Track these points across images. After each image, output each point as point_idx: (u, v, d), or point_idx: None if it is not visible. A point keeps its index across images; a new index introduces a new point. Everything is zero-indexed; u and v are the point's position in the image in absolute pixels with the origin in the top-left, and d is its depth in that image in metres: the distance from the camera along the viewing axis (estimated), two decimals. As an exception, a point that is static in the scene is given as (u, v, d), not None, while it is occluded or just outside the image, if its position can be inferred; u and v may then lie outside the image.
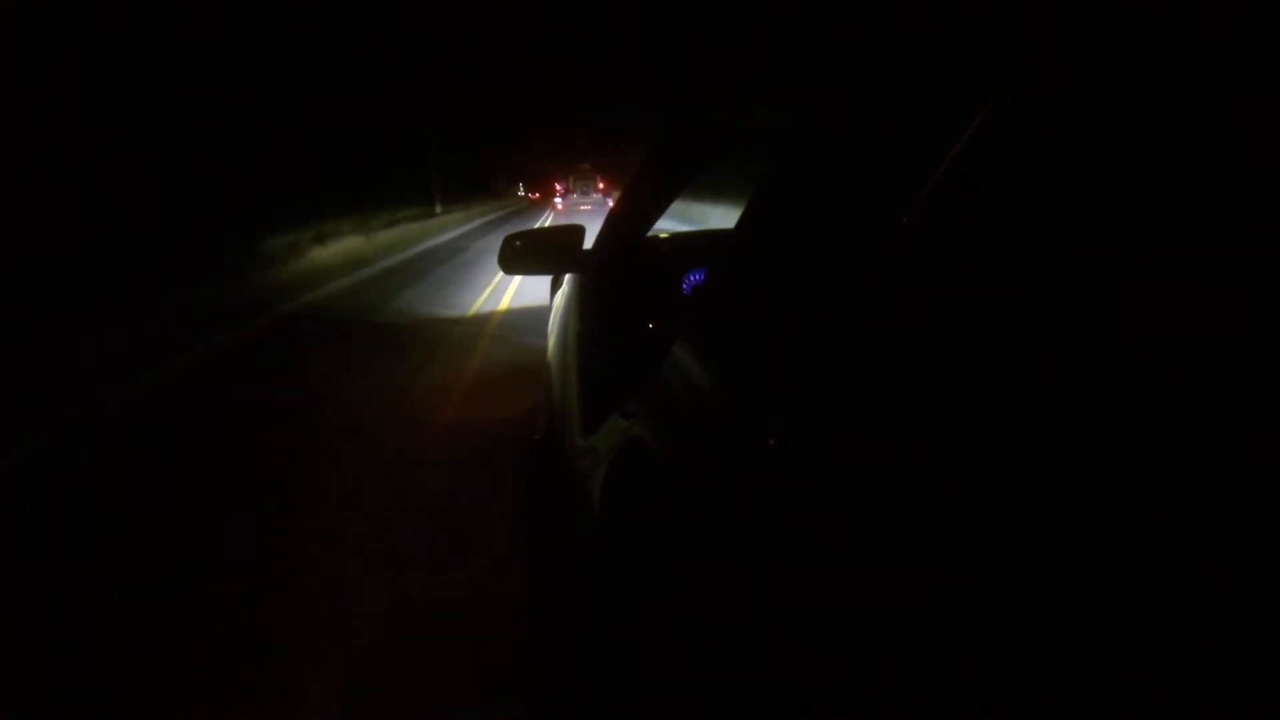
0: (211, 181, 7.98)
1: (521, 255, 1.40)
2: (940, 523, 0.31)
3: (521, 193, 55.64)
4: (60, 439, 3.10)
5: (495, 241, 3.09)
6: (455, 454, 2.69)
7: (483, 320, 5.20)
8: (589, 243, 1.43)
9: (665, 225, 1.86)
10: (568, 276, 1.60)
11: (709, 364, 0.55)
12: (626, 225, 1.31)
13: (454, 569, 1.89)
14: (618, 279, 1.36)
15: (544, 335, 1.93)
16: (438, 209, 18.90)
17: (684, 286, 1.63)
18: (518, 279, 6.27)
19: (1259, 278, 0.24)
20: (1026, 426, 0.29)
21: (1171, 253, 0.27)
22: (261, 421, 3.19)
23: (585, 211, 20.65)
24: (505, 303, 5.74)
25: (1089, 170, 0.30)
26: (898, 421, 0.34)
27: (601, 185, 30.67)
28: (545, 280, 2.40)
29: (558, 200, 29.41)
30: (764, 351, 0.46)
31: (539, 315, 3.36)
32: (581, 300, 1.31)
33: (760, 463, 0.41)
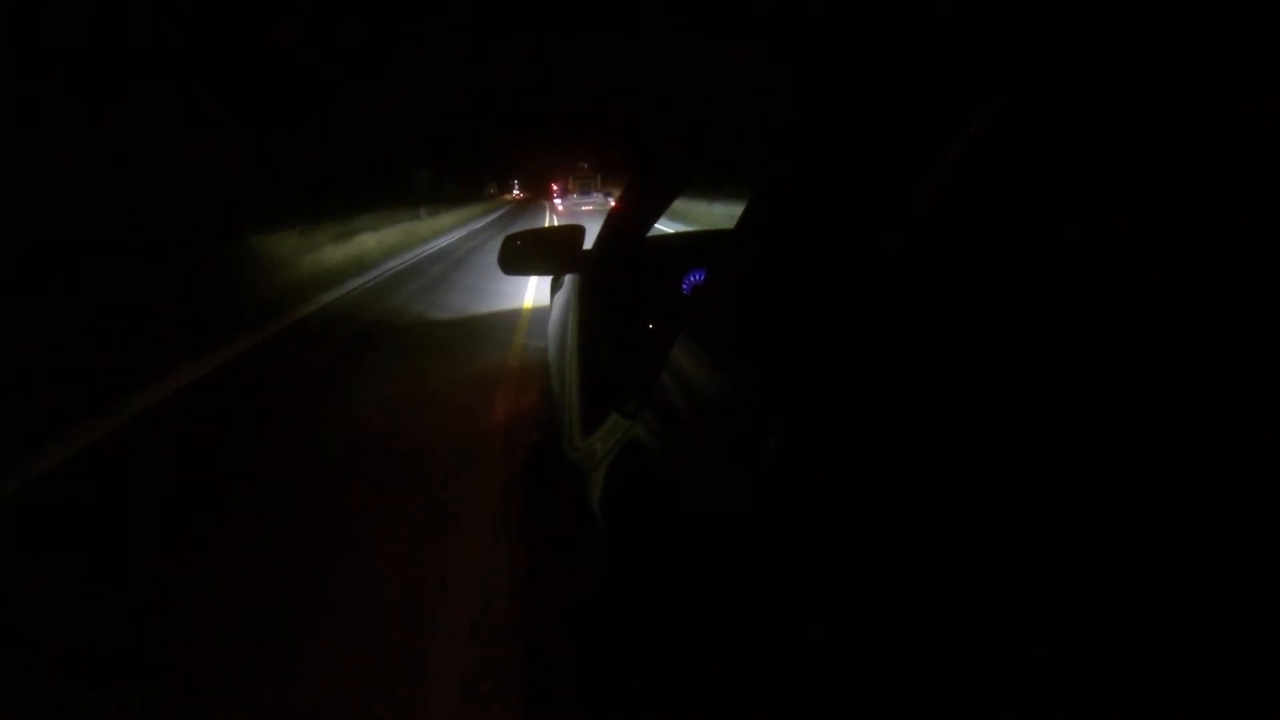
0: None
1: (522, 255, 1.40)
2: (940, 523, 0.31)
3: (516, 192, 56.16)
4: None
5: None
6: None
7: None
8: (589, 243, 1.44)
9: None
10: (568, 277, 1.60)
11: (709, 364, 0.55)
12: (626, 225, 1.31)
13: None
14: (618, 279, 1.36)
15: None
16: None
17: (684, 286, 1.63)
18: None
19: (1258, 278, 0.24)
20: (1026, 426, 0.29)
21: (1171, 253, 0.27)
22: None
23: (587, 212, 20.32)
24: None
25: (1088, 171, 0.30)
26: (897, 421, 0.34)
27: (601, 184, 30.43)
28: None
29: (557, 201, 29.12)
30: (764, 352, 0.46)
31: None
32: (581, 300, 1.31)
33: (760, 463, 0.41)
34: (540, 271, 1.41)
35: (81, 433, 2.74)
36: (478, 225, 17.54)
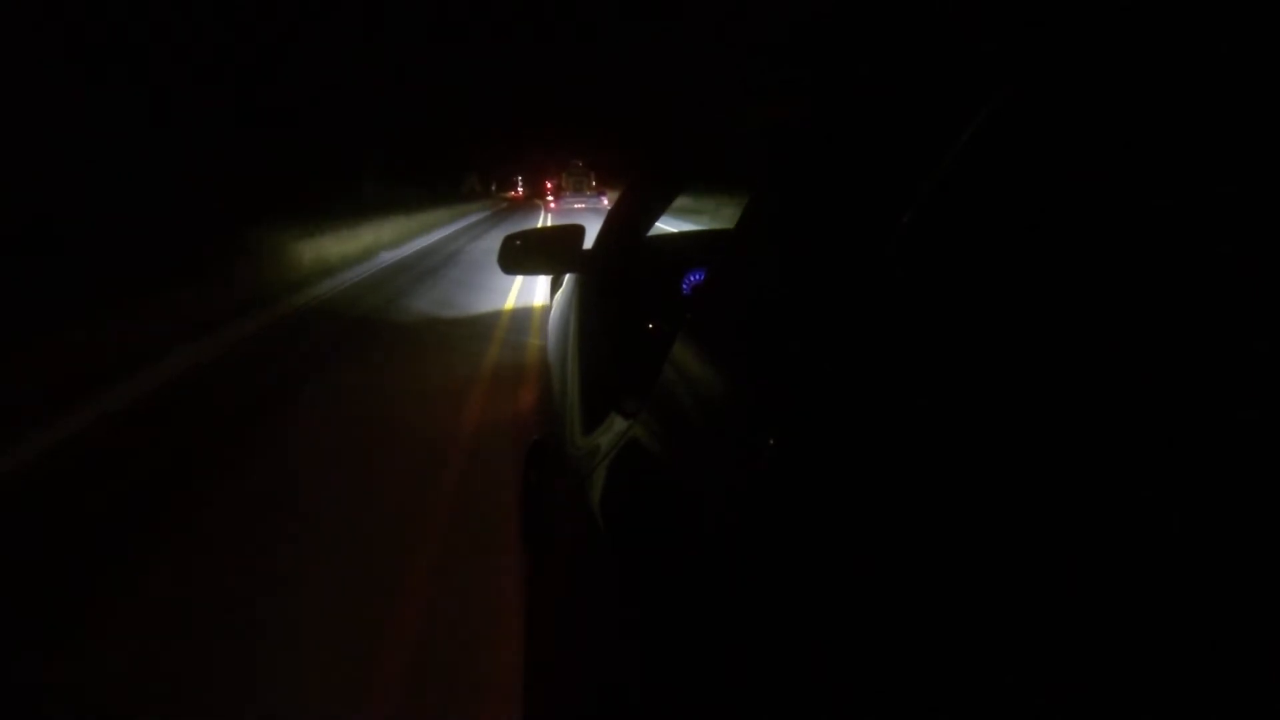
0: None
1: (521, 255, 1.40)
2: (942, 523, 0.31)
3: (520, 189, 58.45)
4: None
5: None
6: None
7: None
8: (589, 243, 1.44)
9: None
10: (568, 276, 1.60)
11: (709, 364, 0.55)
12: (626, 225, 1.32)
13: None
14: (618, 279, 1.36)
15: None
16: None
17: (684, 286, 1.63)
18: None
19: (1256, 277, 0.25)
20: (1026, 427, 0.29)
21: (1172, 252, 0.27)
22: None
23: (580, 210, 20.13)
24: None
25: (1089, 171, 0.30)
26: (898, 421, 0.35)
27: (595, 183, 30.34)
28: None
29: (550, 199, 29.07)
30: (764, 351, 0.46)
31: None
32: (581, 300, 1.31)
33: (760, 462, 0.41)
34: (540, 271, 1.42)
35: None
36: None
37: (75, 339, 3.97)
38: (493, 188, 48.35)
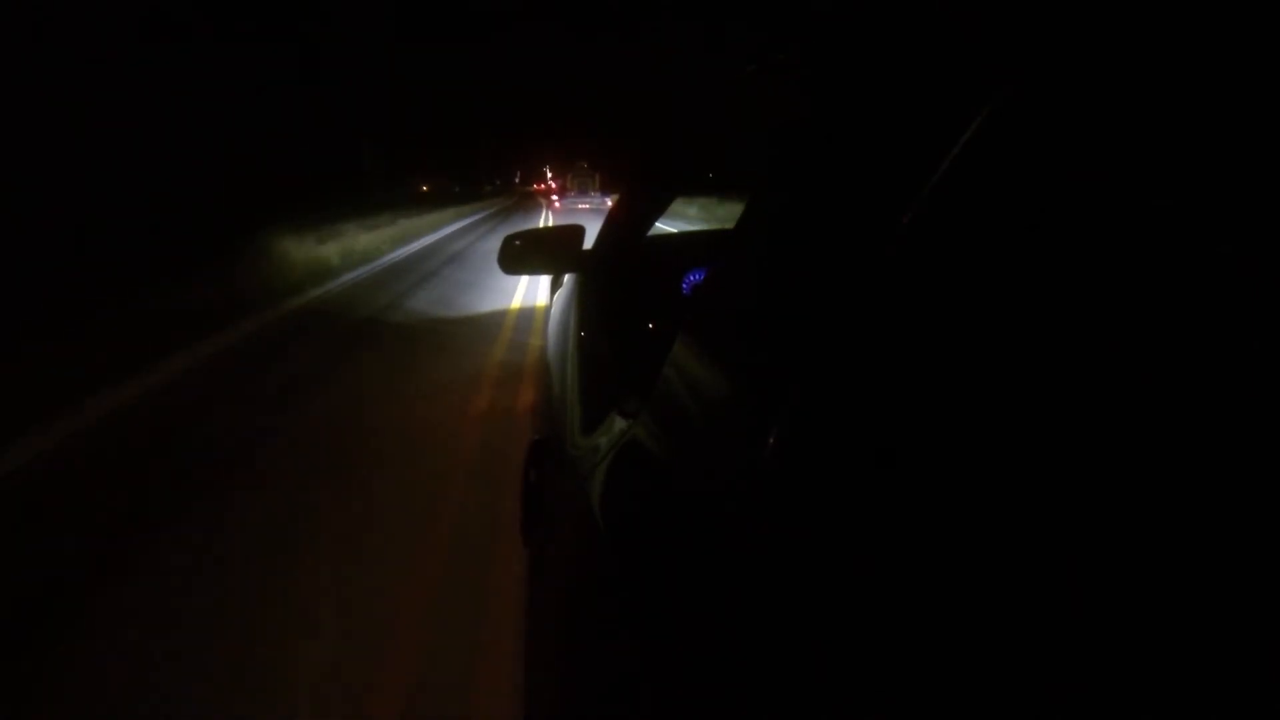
0: None
1: (522, 255, 1.41)
2: (943, 523, 0.31)
3: (550, 182, 60.93)
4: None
5: None
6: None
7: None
8: (589, 243, 1.44)
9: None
10: (568, 276, 1.61)
11: (709, 364, 0.55)
12: (626, 225, 1.32)
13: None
14: (618, 279, 1.37)
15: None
16: None
17: (684, 286, 1.63)
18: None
19: (1256, 279, 0.24)
20: (1028, 427, 0.29)
21: (1174, 254, 0.27)
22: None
23: (584, 210, 20.26)
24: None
25: (1090, 172, 0.30)
26: (899, 420, 0.35)
27: (599, 184, 30.57)
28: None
29: (555, 199, 29.29)
30: (764, 351, 0.46)
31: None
32: (581, 300, 1.31)
33: (760, 462, 0.41)
34: (540, 271, 1.42)
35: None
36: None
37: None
38: (515, 180, 49.74)
